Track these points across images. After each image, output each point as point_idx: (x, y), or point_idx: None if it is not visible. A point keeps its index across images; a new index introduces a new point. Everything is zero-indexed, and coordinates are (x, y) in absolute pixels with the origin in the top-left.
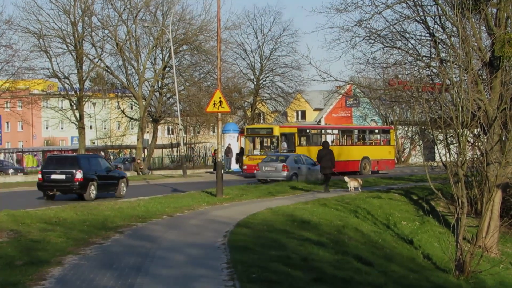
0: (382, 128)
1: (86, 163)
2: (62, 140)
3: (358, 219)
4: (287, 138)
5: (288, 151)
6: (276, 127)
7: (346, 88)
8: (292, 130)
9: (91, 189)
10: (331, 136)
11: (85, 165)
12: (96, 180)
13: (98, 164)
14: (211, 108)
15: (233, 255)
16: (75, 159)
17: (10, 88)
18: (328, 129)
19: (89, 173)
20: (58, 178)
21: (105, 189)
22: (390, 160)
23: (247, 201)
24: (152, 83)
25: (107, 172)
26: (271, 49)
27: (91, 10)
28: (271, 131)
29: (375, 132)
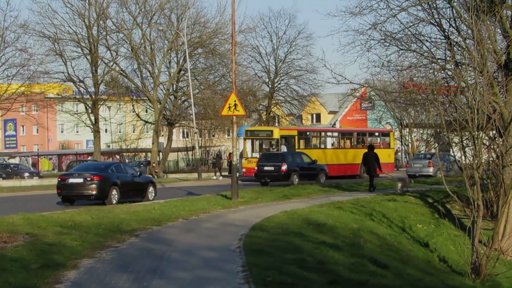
0: (382, 131)
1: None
2: (77, 144)
3: (374, 222)
4: (287, 140)
5: None
6: (276, 129)
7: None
8: (292, 132)
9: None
10: (331, 139)
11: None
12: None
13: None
14: (226, 111)
15: (249, 258)
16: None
17: (26, 92)
18: (328, 131)
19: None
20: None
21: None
22: (390, 164)
23: (262, 204)
24: (167, 87)
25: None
26: (286, 52)
27: (106, 13)
28: (271, 134)
29: (374, 135)
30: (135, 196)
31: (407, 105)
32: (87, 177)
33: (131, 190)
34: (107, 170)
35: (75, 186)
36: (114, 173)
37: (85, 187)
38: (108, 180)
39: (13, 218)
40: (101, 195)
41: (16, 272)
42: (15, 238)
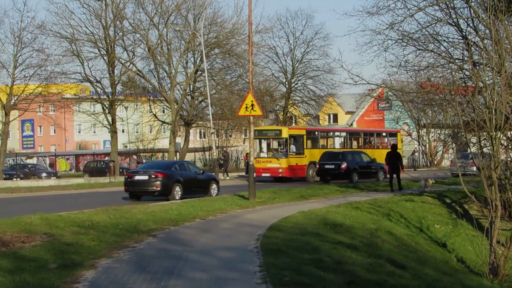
0: (390, 131)
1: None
2: (94, 144)
3: (391, 222)
4: (296, 140)
5: (296, 154)
6: (285, 128)
7: (378, 91)
8: (300, 132)
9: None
10: (339, 139)
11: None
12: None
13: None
14: (243, 112)
15: (266, 258)
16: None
17: (43, 93)
18: (337, 131)
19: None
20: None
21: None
22: None
23: (279, 205)
24: (184, 87)
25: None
26: (303, 53)
27: (123, 14)
28: (280, 133)
29: (382, 135)
30: (198, 192)
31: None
32: (151, 174)
33: (194, 186)
34: (171, 168)
35: (140, 183)
36: (178, 171)
37: (150, 184)
38: (171, 177)
39: (31, 218)
40: (165, 191)
41: (34, 272)
42: (33, 238)
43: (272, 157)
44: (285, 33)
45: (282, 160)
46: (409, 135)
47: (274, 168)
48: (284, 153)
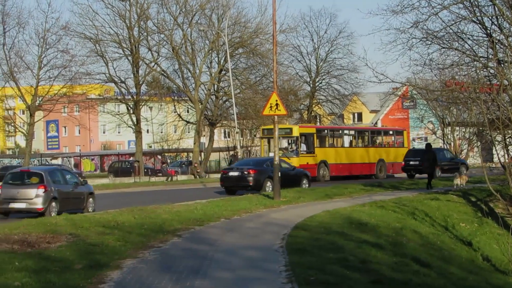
0: (396, 130)
1: None
2: (119, 144)
3: (416, 221)
4: (306, 138)
5: (307, 153)
6: (296, 127)
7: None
8: (311, 130)
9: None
10: (348, 137)
11: None
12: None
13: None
14: (268, 111)
15: (291, 258)
16: None
17: (68, 93)
18: (346, 129)
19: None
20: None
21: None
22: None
23: (304, 204)
24: (208, 87)
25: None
26: (327, 52)
27: (147, 14)
28: (290, 132)
29: (389, 134)
30: (290, 186)
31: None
32: (244, 170)
33: (286, 181)
34: (263, 165)
35: (235, 178)
36: (269, 167)
37: (243, 179)
38: (263, 173)
39: (56, 218)
40: (256, 186)
41: (60, 272)
42: (58, 238)
43: (283, 156)
44: (309, 32)
45: (293, 160)
46: (433, 134)
47: None
48: (295, 152)
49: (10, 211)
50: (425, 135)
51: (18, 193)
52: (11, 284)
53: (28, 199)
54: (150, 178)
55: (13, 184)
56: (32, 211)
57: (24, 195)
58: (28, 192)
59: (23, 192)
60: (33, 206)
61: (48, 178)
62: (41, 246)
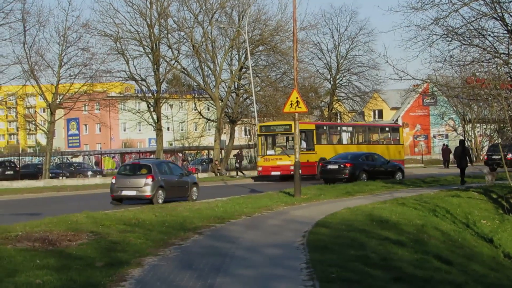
0: (392, 126)
1: None
2: (139, 142)
3: (437, 218)
4: (306, 135)
5: (307, 150)
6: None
7: (423, 86)
8: (310, 126)
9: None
10: (346, 134)
11: None
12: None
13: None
14: (288, 109)
15: (312, 255)
16: None
17: (88, 91)
18: (344, 126)
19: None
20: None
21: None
22: (401, 161)
23: (325, 201)
24: (229, 84)
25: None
26: (347, 49)
27: (167, 12)
28: (289, 128)
29: (385, 130)
30: (383, 178)
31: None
32: (341, 164)
33: (380, 174)
34: (358, 159)
35: (332, 171)
36: (364, 161)
37: (340, 172)
38: (358, 167)
39: (77, 216)
40: (352, 178)
41: (81, 270)
42: (80, 236)
43: (282, 154)
44: (329, 29)
45: (293, 157)
46: (454, 130)
47: (285, 166)
48: None
49: (123, 198)
50: (445, 132)
51: (129, 182)
52: (33, 282)
53: (138, 187)
54: None
55: (125, 174)
56: (141, 198)
57: (135, 184)
58: (138, 181)
59: (134, 181)
60: (142, 193)
61: (155, 169)
62: (62, 244)
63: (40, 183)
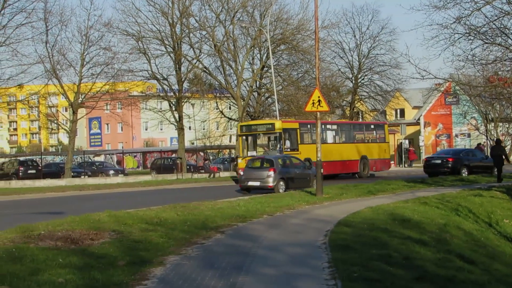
0: (377, 123)
1: None
2: (161, 141)
3: (460, 217)
4: (290, 134)
5: (291, 150)
6: (278, 122)
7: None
8: (294, 125)
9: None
10: (331, 132)
11: None
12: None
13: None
14: (310, 108)
15: (334, 254)
16: None
17: (110, 90)
18: (328, 124)
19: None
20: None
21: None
22: (387, 160)
23: (346, 200)
24: (250, 83)
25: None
26: (369, 48)
27: (189, 11)
28: (272, 127)
29: (370, 128)
30: (481, 173)
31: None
32: (443, 159)
33: (479, 169)
34: (459, 154)
35: (435, 165)
36: (465, 156)
37: (442, 166)
38: (459, 161)
39: (99, 215)
40: (454, 172)
41: (103, 268)
42: (102, 235)
43: (265, 154)
44: (351, 28)
45: None
46: (476, 130)
47: None
48: (278, 150)
49: (249, 188)
50: (468, 131)
51: (254, 174)
52: (55, 281)
53: (261, 178)
54: (193, 175)
55: (252, 167)
56: (264, 188)
57: (259, 176)
58: (262, 173)
59: (259, 173)
60: (265, 184)
61: (277, 163)
62: (85, 242)
63: (62, 182)
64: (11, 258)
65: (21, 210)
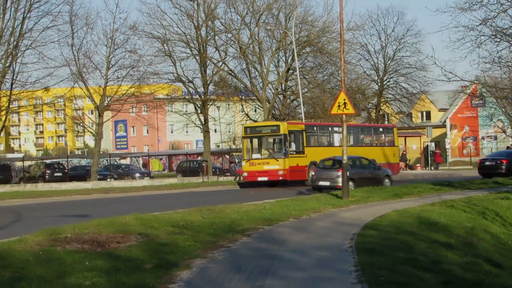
0: (386, 127)
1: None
2: (187, 144)
3: (487, 221)
4: (295, 137)
5: (296, 153)
6: (284, 123)
7: (471, 88)
8: (300, 127)
9: None
10: (338, 135)
11: None
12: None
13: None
14: (336, 110)
15: (361, 258)
16: None
17: (136, 93)
18: (335, 126)
19: None
20: None
21: None
22: (395, 164)
23: (373, 203)
24: (276, 86)
25: None
26: (394, 50)
27: (214, 14)
28: (277, 129)
29: (379, 131)
30: None
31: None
32: (497, 160)
33: None
34: None
35: (490, 167)
36: None
37: (497, 167)
38: None
39: (126, 218)
40: (508, 173)
41: (130, 272)
42: (128, 238)
43: (270, 157)
44: (376, 30)
45: (281, 161)
46: (503, 132)
47: (273, 170)
48: (283, 152)
49: (320, 187)
50: (494, 134)
51: (325, 175)
52: (82, 284)
53: (331, 178)
54: (218, 178)
55: (322, 168)
56: (333, 188)
57: (329, 176)
58: (331, 173)
59: (328, 173)
60: (334, 183)
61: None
62: (111, 245)
63: (88, 185)
64: (38, 261)
65: (47, 213)
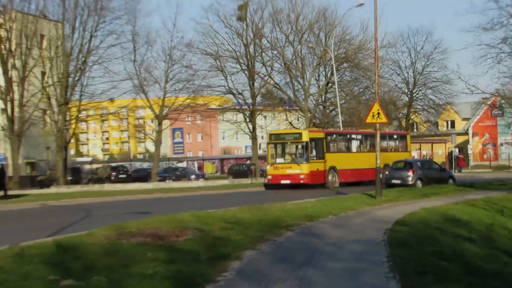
0: (400, 134)
1: None
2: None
3: (505, 218)
4: (316, 144)
5: (317, 158)
6: (305, 131)
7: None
8: (320, 135)
9: None
10: (355, 142)
11: None
12: None
13: None
14: (370, 119)
15: (393, 250)
16: None
17: (191, 104)
18: (353, 134)
19: None
20: None
21: None
22: None
23: (403, 202)
24: (316, 97)
25: None
26: (423, 65)
27: (261, 33)
28: (299, 137)
29: (394, 138)
30: None
31: None
32: None
33: None
34: None
35: None
36: None
37: None
38: None
39: (183, 215)
40: None
41: (187, 262)
42: (185, 232)
43: (292, 162)
44: (407, 48)
45: (303, 166)
46: None
47: (295, 174)
48: (305, 158)
49: (392, 185)
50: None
51: (397, 174)
52: (145, 273)
53: (402, 177)
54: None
55: (395, 168)
56: (404, 185)
57: (400, 175)
58: (403, 173)
59: (400, 173)
60: (405, 182)
61: (416, 165)
62: (170, 239)
63: (149, 185)
64: (106, 253)
65: (113, 210)
